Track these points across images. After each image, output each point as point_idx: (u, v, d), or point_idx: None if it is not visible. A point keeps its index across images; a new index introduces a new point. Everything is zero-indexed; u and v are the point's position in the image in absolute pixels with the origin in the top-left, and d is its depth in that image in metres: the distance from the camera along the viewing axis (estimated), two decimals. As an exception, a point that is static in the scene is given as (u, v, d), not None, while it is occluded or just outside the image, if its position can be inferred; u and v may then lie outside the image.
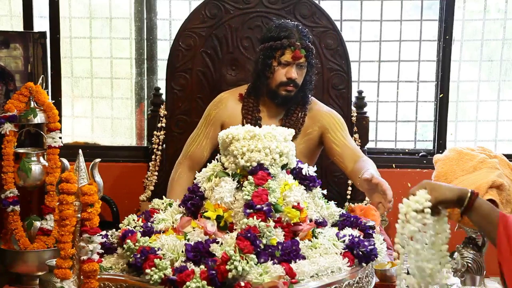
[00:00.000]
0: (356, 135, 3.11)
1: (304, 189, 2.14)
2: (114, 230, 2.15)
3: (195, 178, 2.55)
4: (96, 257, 1.75)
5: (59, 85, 3.43)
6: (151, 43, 3.51)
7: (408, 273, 1.76)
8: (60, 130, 2.74)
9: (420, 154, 3.45)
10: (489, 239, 1.85)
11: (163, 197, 2.44)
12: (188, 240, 1.97)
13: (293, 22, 2.68)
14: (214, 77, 3.10)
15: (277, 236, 1.93)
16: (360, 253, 1.98)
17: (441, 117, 3.41)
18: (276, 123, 2.64)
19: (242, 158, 2.08)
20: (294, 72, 2.58)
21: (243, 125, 2.50)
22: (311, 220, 2.09)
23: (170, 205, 2.30)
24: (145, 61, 3.53)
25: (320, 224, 2.14)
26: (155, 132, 3.19)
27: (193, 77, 3.12)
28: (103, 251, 1.86)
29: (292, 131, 2.24)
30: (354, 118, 3.11)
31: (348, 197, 3.12)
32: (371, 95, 3.45)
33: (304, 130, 2.71)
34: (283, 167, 2.14)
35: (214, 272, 1.75)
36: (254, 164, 2.07)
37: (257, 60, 2.68)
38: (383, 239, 2.17)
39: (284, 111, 2.71)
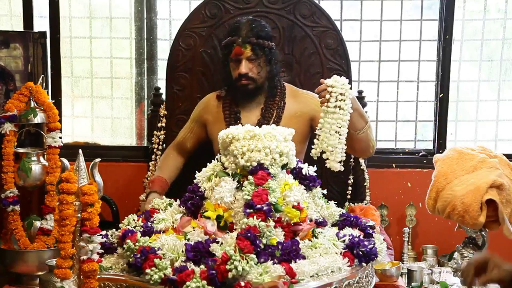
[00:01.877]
0: (356, 135, 3.11)
1: (304, 189, 2.14)
2: (114, 230, 2.15)
3: (182, 160, 2.92)
4: (96, 257, 1.75)
5: (59, 85, 3.43)
6: (151, 43, 3.51)
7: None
8: (60, 130, 2.74)
9: (420, 154, 3.45)
10: None
11: (163, 196, 2.44)
12: (188, 240, 1.97)
13: (249, 18, 2.76)
14: (214, 77, 3.10)
15: (277, 236, 1.93)
16: (360, 253, 1.98)
17: (441, 117, 3.41)
18: (256, 117, 2.74)
19: (242, 158, 2.08)
20: (243, 66, 2.66)
21: (225, 122, 2.72)
22: (311, 220, 2.09)
23: (170, 205, 2.30)
24: (145, 61, 3.53)
25: (320, 224, 2.14)
26: (155, 132, 3.19)
27: (193, 77, 3.12)
28: (103, 251, 1.86)
29: (292, 131, 2.24)
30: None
31: (348, 197, 3.12)
32: (371, 95, 3.45)
33: (293, 114, 2.75)
34: (283, 167, 2.14)
35: (214, 272, 1.75)
36: (254, 164, 2.07)
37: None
38: (383, 239, 2.17)
39: (263, 104, 2.77)
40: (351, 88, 2.34)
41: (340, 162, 2.31)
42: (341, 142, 2.30)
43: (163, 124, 3.17)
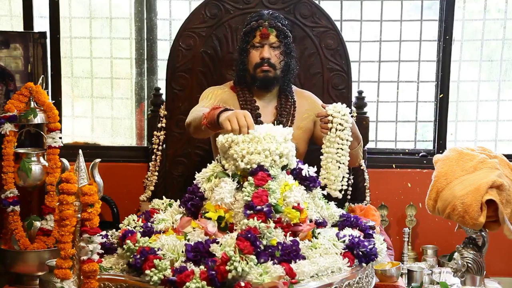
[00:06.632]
0: (356, 135, 3.11)
1: (304, 190, 2.13)
2: (114, 230, 2.15)
3: None
4: (96, 257, 1.75)
5: (59, 85, 3.43)
6: (151, 43, 3.51)
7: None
8: (60, 130, 2.74)
9: (420, 154, 3.45)
10: None
11: (163, 197, 2.44)
12: (188, 240, 1.97)
13: (269, 10, 2.78)
14: (214, 77, 3.10)
15: (277, 236, 1.93)
16: (360, 253, 1.98)
17: (441, 117, 3.41)
18: (272, 110, 2.74)
19: (242, 161, 2.07)
20: (266, 51, 2.67)
21: None
22: (311, 221, 2.09)
23: (170, 205, 2.31)
24: (145, 61, 3.53)
25: (320, 224, 2.14)
26: (155, 132, 3.19)
27: (193, 77, 3.12)
28: (103, 251, 1.86)
29: (290, 130, 2.23)
30: (354, 118, 3.11)
31: (348, 197, 3.12)
32: (371, 95, 3.45)
33: (301, 114, 2.77)
34: (283, 168, 2.14)
35: (214, 272, 1.75)
36: (254, 166, 2.07)
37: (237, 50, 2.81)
38: (383, 240, 2.17)
39: (277, 98, 2.77)
40: (350, 113, 2.40)
41: (340, 191, 2.40)
42: (342, 171, 2.38)
43: (163, 125, 3.17)
